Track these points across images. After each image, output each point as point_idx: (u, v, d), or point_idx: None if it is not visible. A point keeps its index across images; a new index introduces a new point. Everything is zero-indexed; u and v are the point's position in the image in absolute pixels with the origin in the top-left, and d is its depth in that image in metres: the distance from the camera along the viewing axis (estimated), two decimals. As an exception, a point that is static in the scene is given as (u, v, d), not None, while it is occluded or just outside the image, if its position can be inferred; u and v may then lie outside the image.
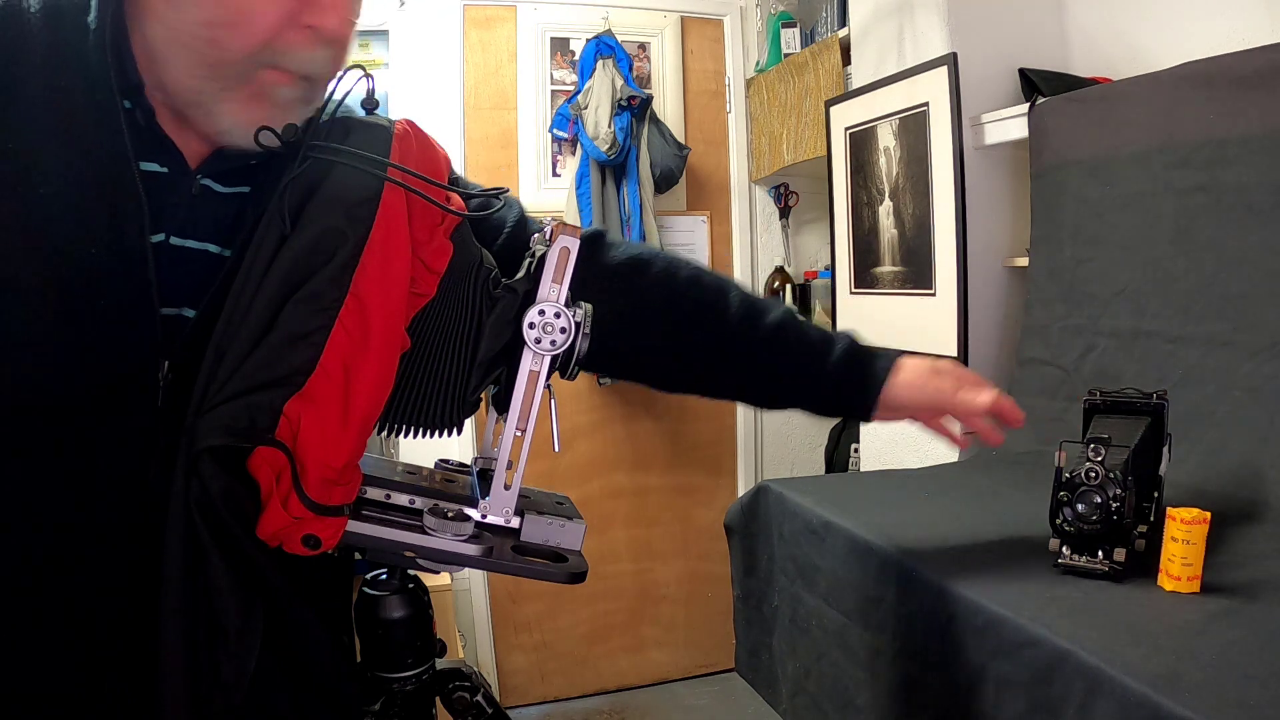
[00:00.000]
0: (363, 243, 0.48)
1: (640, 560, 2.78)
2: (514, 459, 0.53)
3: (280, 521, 0.46)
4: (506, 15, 2.59)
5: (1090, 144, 1.49)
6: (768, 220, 2.85)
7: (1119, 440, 0.98)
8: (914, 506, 1.32)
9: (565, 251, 0.52)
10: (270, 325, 0.47)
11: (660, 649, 2.82)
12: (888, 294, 1.98)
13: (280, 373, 0.46)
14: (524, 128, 2.60)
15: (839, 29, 2.27)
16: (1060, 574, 0.97)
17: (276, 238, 0.48)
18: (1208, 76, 1.28)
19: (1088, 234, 1.50)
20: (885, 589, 1.09)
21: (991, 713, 0.88)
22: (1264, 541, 1.03)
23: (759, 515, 1.45)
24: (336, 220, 0.48)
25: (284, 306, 0.47)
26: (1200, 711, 0.66)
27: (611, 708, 2.70)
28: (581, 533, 0.56)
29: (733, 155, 2.80)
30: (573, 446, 2.66)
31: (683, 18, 2.73)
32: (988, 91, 1.73)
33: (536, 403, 0.52)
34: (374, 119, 0.51)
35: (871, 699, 1.11)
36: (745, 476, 2.85)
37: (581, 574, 0.54)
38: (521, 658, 2.68)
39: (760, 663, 1.44)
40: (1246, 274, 1.23)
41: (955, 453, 1.78)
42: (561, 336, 0.52)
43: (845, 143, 2.12)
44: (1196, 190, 1.30)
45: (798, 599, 1.31)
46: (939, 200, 1.78)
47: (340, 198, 0.48)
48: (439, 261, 0.52)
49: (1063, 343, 1.54)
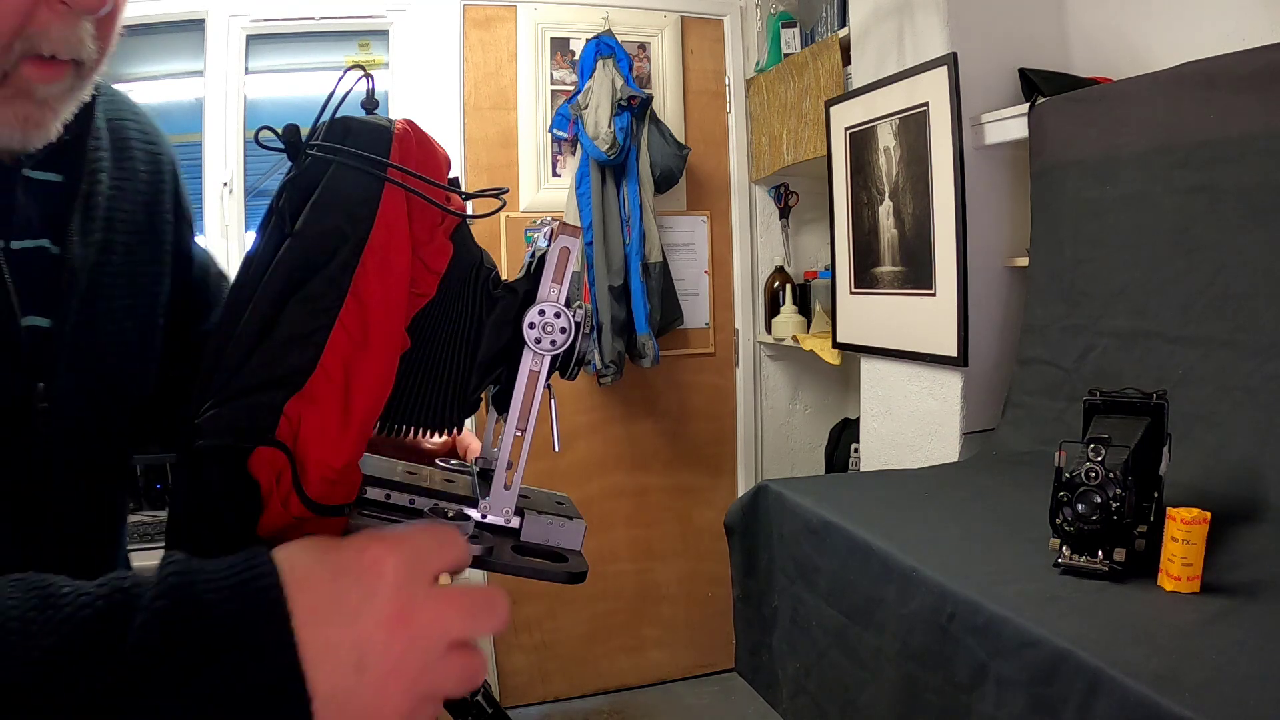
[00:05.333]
0: (363, 243, 0.47)
1: (640, 560, 2.78)
2: (514, 459, 0.53)
3: (280, 521, 0.46)
4: (506, 15, 2.59)
5: (1090, 144, 1.49)
6: (768, 220, 2.85)
7: (1119, 440, 0.98)
8: (914, 506, 1.32)
9: (565, 251, 0.52)
10: (270, 325, 0.47)
11: (660, 649, 2.82)
12: (888, 294, 1.98)
13: (281, 373, 0.46)
14: (524, 128, 2.60)
15: (839, 29, 2.27)
16: (1060, 574, 0.97)
17: (277, 238, 0.48)
18: (1208, 76, 1.28)
19: (1088, 234, 1.50)
20: (885, 589, 1.09)
21: (991, 713, 0.88)
22: (1264, 541, 1.03)
23: (759, 515, 1.45)
24: (337, 220, 0.47)
25: (284, 307, 0.47)
26: (1200, 711, 0.66)
27: (611, 708, 2.70)
28: (581, 532, 0.56)
29: (733, 155, 2.80)
30: (573, 446, 2.66)
31: (683, 18, 2.73)
32: (988, 91, 1.73)
33: (536, 403, 0.52)
34: (374, 119, 0.50)
35: (871, 699, 1.11)
36: (745, 476, 2.86)
37: (582, 574, 0.54)
38: (521, 658, 2.68)
39: (760, 662, 1.44)
40: (1246, 274, 1.23)
41: (955, 453, 1.78)
42: (561, 336, 0.51)
43: (845, 143, 2.12)
44: (1196, 190, 1.30)
45: (798, 599, 1.31)
46: (939, 200, 1.78)
47: (340, 198, 0.48)
48: (439, 261, 0.52)
49: (1063, 343, 1.54)
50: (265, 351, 0.46)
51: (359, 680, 0.39)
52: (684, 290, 2.71)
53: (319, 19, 2.47)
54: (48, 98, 0.52)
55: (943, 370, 1.82)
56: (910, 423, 1.91)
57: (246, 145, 2.41)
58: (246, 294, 0.47)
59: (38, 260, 0.58)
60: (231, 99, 2.40)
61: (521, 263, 0.58)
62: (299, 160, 0.49)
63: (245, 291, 0.48)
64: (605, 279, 2.45)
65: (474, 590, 0.45)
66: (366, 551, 0.42)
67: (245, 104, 2.43)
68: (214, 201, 2.37)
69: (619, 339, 2.48)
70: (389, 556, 0.42)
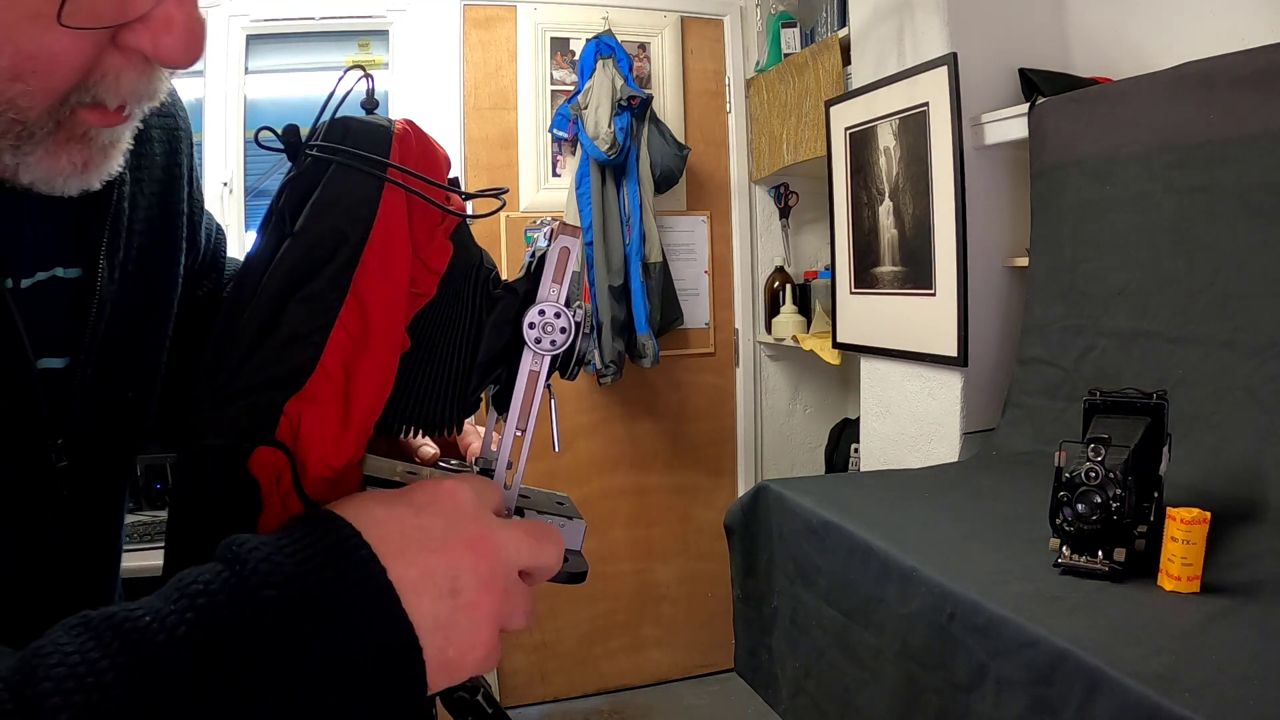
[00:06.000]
0: (363, 243, 0.47)
1: (640, 560, 2.79)
2: (514, 459, 0.53)
3: (280, 521, 0.46)
4: (506, 15, 2.59)
5: (1090, 144, 1.49)
6: (768, 220, 2.85)
7: (1119, 440, 0.98)
8: (914, 506, 1.32)
9: (565, 251, 0.52)
10: (270, 325, 0.47)
11: (660, 649, 2.82)
12: (888, 294, 1.98)
13: (281, 373, 0.46)
14: (524, 128, 2.60)
15: (839, 29, 2.27)
16: (1060, 574, 0.97)
17: (277, 238, 0.48)
18: (1208, 76, 1.28)
19: (1088, 234, 1.50)
20: (885, 589, 1.09)
21: (991, 713, 0.88)
22: (1264, 541, 1.03)
23: (759, 515, 1.45)
24: (337, 221, 0.47)
25: (284, 307, 0.47)
26: (1200, 711, 0.66)
27: (611, 708, 2.70)
28: (582, 532, 0.56)
29: (733, 155, 2.80)
30: (573, 446, 2.66)
31: (683, 18, 2.73)
32: (988, 91, 1.73)
33: (536, 403, 0.52)
34: (374, 119, 0.50)
35: (871, 699, 1.11)
36: (745, 476, 2.86)
37: (582, 574, 0.54)
38: (521, 658, 2.68)
39: (760, 662, 1.44)
40: (1246, 274, 1.23)
41: (955, 453, 1.78)
42: (561, 336, 0.51)
43: (845, 143, 2.12)
44: (1196, 190, 1.30)
45: (798, 599, 1.31)
46: (939, 200, 1.78)
47: (340, 198, 0.48)
48: (439, 261, 0.52)
49: (1063, 343, 1.54)
50: (265, 351, 0.46)
51: (455, 605, 0.40)
52: (684, 290, 2.71)
53: (319, 19, 2.47)
54: (110, 141, 0.47)
55: (943, 370, 1.82)
56: (910, 423, 1.91)
57: (246, 145, 2.41)
58: (246, 294, 0.47)
59: (50, 292, 0.51)
60: (231, 99, 2.40)
61: (521, 263, 0.58)
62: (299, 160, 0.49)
63: (245, 291, 0.48)
64: (605, 279, 2.45)
65: (533, 522, 0.48)
66: (440, 487, 0.44)
67: (245, 104, 2.43)
68: (214, 201, 2.37)
69: (619, 339, 2.48)
70: (461, 489, 0.44)
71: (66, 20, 0.38)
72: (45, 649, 0.33)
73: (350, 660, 0.37)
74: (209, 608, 0.35)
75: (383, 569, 0.39)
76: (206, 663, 0.34)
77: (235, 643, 0.35)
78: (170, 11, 0.41)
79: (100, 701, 0.31)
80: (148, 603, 0.36)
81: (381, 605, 0.38)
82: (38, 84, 0.40)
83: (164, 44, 0.42)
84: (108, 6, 0.40)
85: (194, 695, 0.33)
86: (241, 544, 0.38)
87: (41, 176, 0.44)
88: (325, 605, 0.37)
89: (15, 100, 0.40)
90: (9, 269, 0.48)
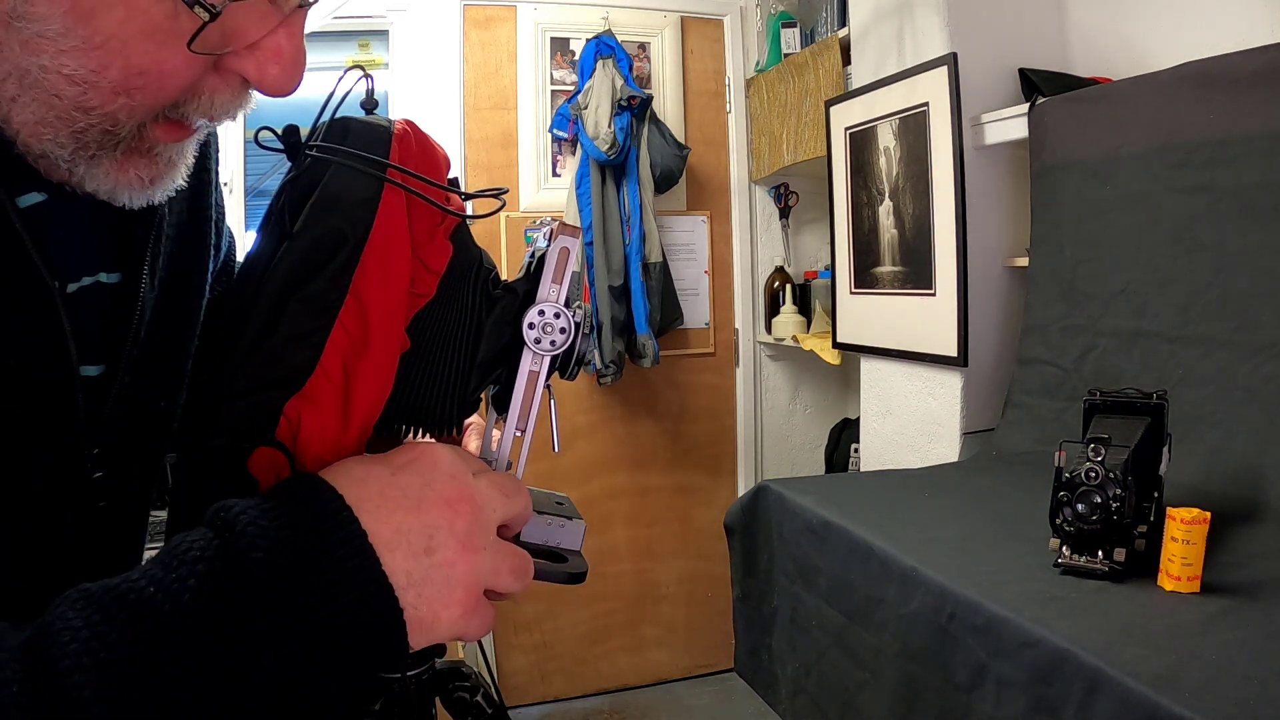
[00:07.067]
0: (362, 243, 0.47)
1: (640, 560, 2.79)
2: (514, 459, 0.53)
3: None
4: (506, 15, 2.59)
5: (1090, 144, 1.50)
6: (768, 220, 2.85)
7: (1119, 440, 0.98)
8: (914, 506, 1.32)
9: (565, 251, 0.52)
10: (270, 325, 0.47)
11: (660, 649, 2.82)
12: (888, 294, 1.98)
13: (280, 373, 0.46)
14: (524, 128, 2.60)
15: (839, 29, 2.27)
16: (1060, 574, 0.97)
17: (277, 238, 0.48)
18: (1208, 76, 1.28)
19: (1088, 234, 1.50)
20: (885, 589, 1.09)
21: (991, 713, 0.88)
22: (1264, 541, 1.03)
23: (759, 515, 1.45)
24: (336, 221, 0.47)
25: (284, 307, 0.47)
26: (1200, 711, 0.66)
27: (611, 708, 2.70)
28: (581, 533, 0.56)
29: (733, 155, 2.80)
30: (573, 446, 2.66)
31: (683, 18, 2.73)
32: (988, 91, 1.73)
33: (536, 403, 0.52)
34: (373, 119, 0.50)
35: (871, 699, 1.11)
36: (745, 476, 2.86)
37: (581, 574, 0.54)
38: (521, 658, 2.68)
39: (760, 662, 1.44)
40: (1246, 274, 1.23)
41: (955, 453, 1.78)
42: (561, 337, 0.51)
43: (845, 143, 2.12)
44: (1196, 190, 1.30)
45: (798, 599, 1.31)
46: (939, 200, 1.78)
47: (340, 198, 0.48)
48: (439, 261, 0.51)
49: (1063, 343, 1.54)
50: (265, 351, 0.46)
51: (430, 563, 0.41)
52: (684, 290, 2.71)
53: (319, 19, 2.47)
54: (175, 155, 0.46)
55: (943, 370, 1.82)
56: (910, 423, 1.91)
57: (246, 145, 2.41)
58: (246, 294, 0.47)
59: (93, 298, 0.50)
60: (231, 99, 2.40)
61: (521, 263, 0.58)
62: (299, 160, 0.49)
63: (245, 291, 0.48)
64: (605, 279, 2.45)
65: (500, 474, 0.48)
66: (418, 448, 0.45)
67: (245, 104, 2.43)
68: (214, 201, 2.37)
69: (619, 339, 2.48)
70: (439, 450, 0.45)
71: (196, 47, 0.39)
72: (54, 626, 0.34)
73: (335, 616, 0.38)
74: (208, 574, 0.37)
75: (362, 530, 0.40)
76: (209, 626, 0.36)
77: (231, 606, 0.36)
78: (280, 43, 0.42)
79: (118, 675, 0.33)
80: (147, 571, 0.37)
81: (361, 562, 0.39)
82: (142, 99, 0.41)
83: (269, 73, 0.43)
84: (226, 33, 0.41)
85: (202, 657, 0.35)
86: (229, 509, 0.39)
87: (107, 187, 0.44)
88: (308, 565, 0.38)
89: (116, 113, 0.41)
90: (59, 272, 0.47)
